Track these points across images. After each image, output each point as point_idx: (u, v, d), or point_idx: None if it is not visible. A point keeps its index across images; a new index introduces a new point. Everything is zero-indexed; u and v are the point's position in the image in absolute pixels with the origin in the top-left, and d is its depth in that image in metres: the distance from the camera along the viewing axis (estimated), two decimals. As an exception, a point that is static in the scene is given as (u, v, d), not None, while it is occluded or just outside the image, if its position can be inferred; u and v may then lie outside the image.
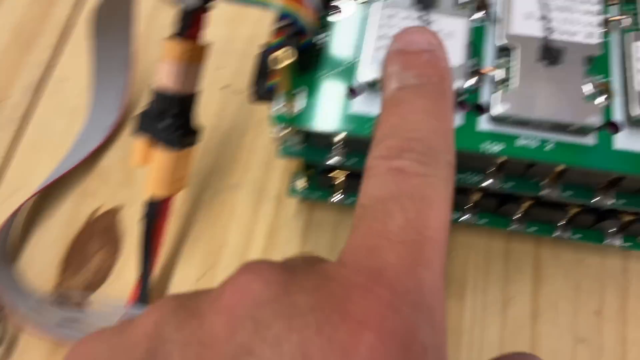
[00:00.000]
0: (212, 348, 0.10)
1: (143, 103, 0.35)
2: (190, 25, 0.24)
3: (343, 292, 0.10)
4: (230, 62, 0.36)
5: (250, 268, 0.11)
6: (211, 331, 0.10)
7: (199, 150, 0.33)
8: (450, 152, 0.14)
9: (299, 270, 0.12)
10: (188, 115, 0.26)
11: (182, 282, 0.30)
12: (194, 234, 0.31)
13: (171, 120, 0.24)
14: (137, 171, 0.32)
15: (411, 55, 0.15)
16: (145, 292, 0.28)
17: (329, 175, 0.27)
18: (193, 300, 0.12)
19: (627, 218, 0.26)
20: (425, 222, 0.12)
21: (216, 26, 0.37)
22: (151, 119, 0.25)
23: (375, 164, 0.13)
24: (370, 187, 0.13)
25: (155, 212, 0.27)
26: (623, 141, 0.21)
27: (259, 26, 0.37)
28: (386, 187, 0.12)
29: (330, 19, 0.24)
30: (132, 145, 0.27)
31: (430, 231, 0.12)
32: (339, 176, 0.27)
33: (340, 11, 0.24)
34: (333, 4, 0.24)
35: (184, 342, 0.11)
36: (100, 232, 0.31)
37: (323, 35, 0.24)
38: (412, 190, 0.12)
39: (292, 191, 0.29)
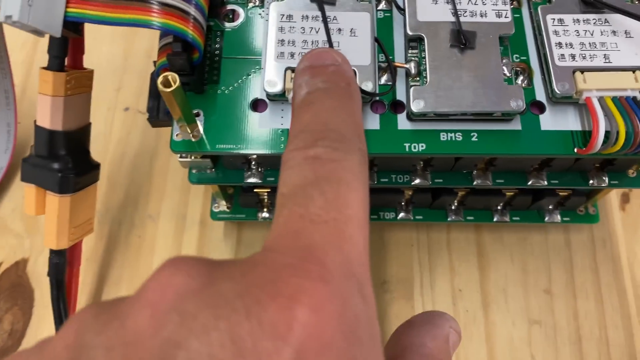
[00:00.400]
0: (138, 346, 0.10)
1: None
2: (64, 53, 0.21)
3: (272, 274, 0.10)
4: (130, 81, 0.32)
5: (173, 262, 0.11)
6: (135, 329, 0.10)
7: (106, 183, 0.30)
8: (361, 141, 0.14)
9: (225, 262, 0.11)
10: (81, 152, 0.23)
11: (107, 332, 0.27)
12: (114, 276, 0.28)
13: (59, 163, 0.21)
14: (40, 218, 0.29)
15: (319, 67, 0.16)
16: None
17: (251, 193, 0.25)
18: (114, 303, 0.11)
19: (564, 193, 0.25)
20: (344, 202, 0.12)
21: (111, 43, 0.34)
22: (35, 165, 0.22)
23: (291, 155, 0.13)
24: (289, 176, 0.13)
25: (61, 264, 0.24)
26: (548, 122, 0.20)
27: (157, 38, 0.34)
28: (304, 175, 0.13)
29: (226, 25, 0.22)
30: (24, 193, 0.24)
31: (350, 210, 0.12)
32: (262, 194, 0.25)
33: (234, 16, 0.22)
34: (228, 8, 0.22)
35: (107, 345, 0.10)
36: (6, 290, 0.28)
37: (218, 45, 0.21)
38: (328, 174, 0.13)
39: (214, 216, 0.27)
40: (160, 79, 0.17)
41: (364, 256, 0.12)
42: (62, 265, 0.24)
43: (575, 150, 0.20)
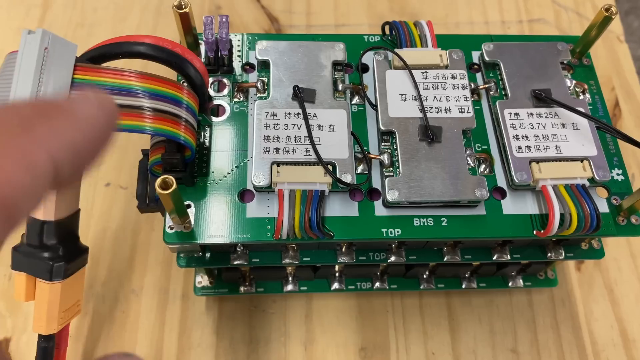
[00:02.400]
0: None
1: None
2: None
3: None
4: (111, 157, 0.33)
5: None
6: None
7: (89, 258, 0.30)
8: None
9: None
10: (71, 238, 0.24)
11: (92, 411, 0.27)
12: (100, 352, 0.28)
13: (50, 252, 0.22)
14: (23, 296, 0.29)
15: None
16: None
17: (235, 270, 0.26)
18: None
19: (525, 262, 0.28)
20: None
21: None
22: (26, 254, 0.22)
23: None
24: None
25: (50, 348, 0.24)
26: (509, 207, 0.22)
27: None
28: None
29: (213, 119, 0.23)
30: (13, 279, 0.24)
31: None
32: (245, 269, 0.26)
33: (219, 111, 0.23)
34: (215, 104, 0.24)
35: None
36: (-11, 371, 0.28)
37: (207, 138, 0.23)
38: None
39: (197, 291, 0.28)
40: (158, 182, 0.18)
41: None
42: (51, 349, 0.24)
43: (535, 232, 0.22)
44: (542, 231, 0.22)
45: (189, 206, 0.21)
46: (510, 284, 0.29)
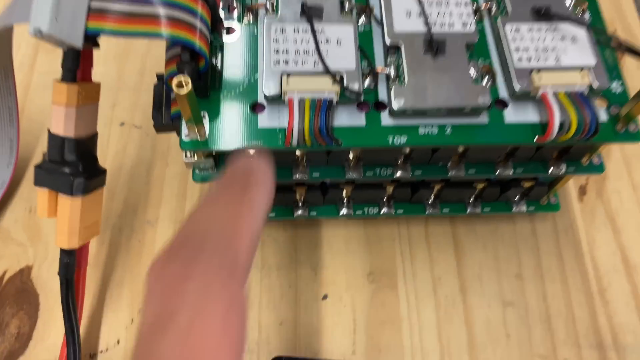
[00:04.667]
0: None
1: (37, 153, 0.33)
2: (77, 66, 0.23)
3: None
4: (124, 98, 0.35)
5: None
6: None
7: (105, 193, 0.31)
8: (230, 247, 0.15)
9: None
10: (90, 158, 0.25)
11: (111, 330, 0.28)
12: (116, 278, 0.30)
13: (70, 168, 0.23)
14: (42, 227, 0.31)
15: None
16: (75, 348, 0.26)
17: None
18: None
19: (528, 184, 0.28)
20: (195, 344, 0.12)
21: (104, 64, 0.36)
22: (49, 170, 0.24)
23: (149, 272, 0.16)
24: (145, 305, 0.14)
25: (71, 264, 0.26)
26: (511, 115, 0.23)
27: (148, 58, 0.36)
28: (157, 307, 0.14)
29: (224, 39, 0.24)
30: (36, 197, 0.25)
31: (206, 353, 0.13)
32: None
33: (232, 32, 0.24)
34: (226, 26, 0.24)
35: None
36: (12, 296, 0.29)
37: (219, 56, 0.24)
38: (180, 305, 0.13)
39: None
40: (175, 82, 0.19)
41: None
42: (72, 266, 0.26)
43: (535, 138, 0.23)
44: (542, 136, 0.22)
45: (203, 116, 0.22)
46: (513, 209, 0.30)
